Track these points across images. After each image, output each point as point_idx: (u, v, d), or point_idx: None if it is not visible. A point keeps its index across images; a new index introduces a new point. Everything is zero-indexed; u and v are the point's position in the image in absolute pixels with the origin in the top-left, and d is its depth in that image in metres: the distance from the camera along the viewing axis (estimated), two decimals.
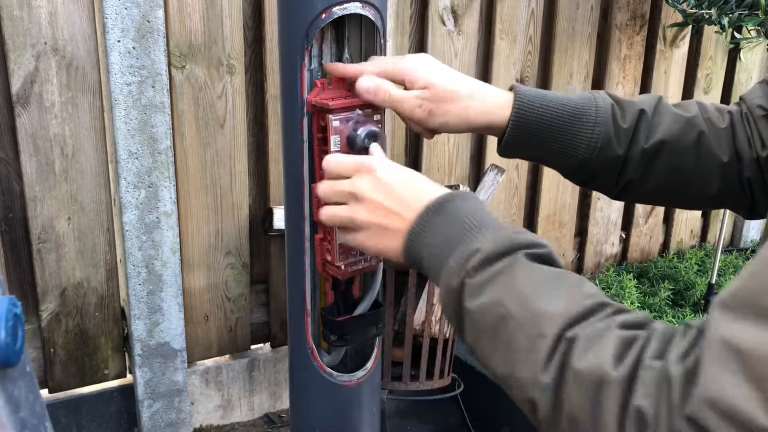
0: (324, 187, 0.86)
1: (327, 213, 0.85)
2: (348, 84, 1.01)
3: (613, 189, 0.96)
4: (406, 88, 0.95)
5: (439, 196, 0.76)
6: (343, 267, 1.01)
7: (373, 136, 0.96)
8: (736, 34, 2.21)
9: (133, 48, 1.59)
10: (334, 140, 0.96)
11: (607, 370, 0.53)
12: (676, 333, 0.54)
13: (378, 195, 0.79)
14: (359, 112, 0.97)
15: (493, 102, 0.92)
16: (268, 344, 2.06)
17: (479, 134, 2.22)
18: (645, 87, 2.47)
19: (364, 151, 0.94)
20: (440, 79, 0.92)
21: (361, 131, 0.95)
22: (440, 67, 0.94)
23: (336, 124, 0.94)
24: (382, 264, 1.09)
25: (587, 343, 0.57)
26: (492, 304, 0.64)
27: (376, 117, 1.00)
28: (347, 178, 0.84)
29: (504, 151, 0.94)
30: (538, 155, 0.95)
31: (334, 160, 0.86)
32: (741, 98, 0.97)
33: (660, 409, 0.50)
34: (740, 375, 0.45)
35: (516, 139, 0.92)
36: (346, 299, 1.09)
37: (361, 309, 1.09)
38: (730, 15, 1.94)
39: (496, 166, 2.05)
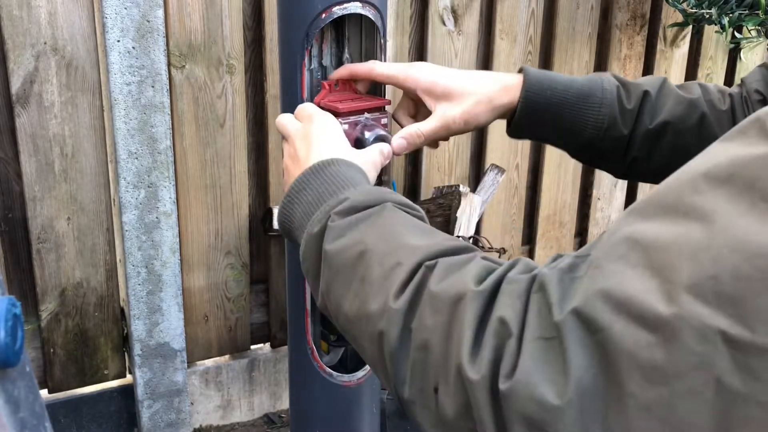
0: (279, 120, 0.92)
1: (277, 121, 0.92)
2: (355, 85, 1.01)
3: (619, 168, 0.99)
4: (411, 96, 0.98)
5: (322, 159, 0.77)
6: None
7: (381, 140, 0.95)
8: (737, 34, 2.21)
9: (133, 48, 1.59)
10: None
11: (467, 287, 0.49)
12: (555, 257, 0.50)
13: (298, 138, 0.85)
14: (367, 115, 0.97)
15: (508, 82, 0.95)
16: (268, 344, 2.05)
17: (479, 134, 2.22)
18: None
19: None
20: (459, 84, 0.94)
21: (369, 135, 0.94)
22: (449, 71, 0.96)
23: (345, 128, 0.93)
24: None
25: (448, 269, 0.53)
26: (352, 243, 0.62)
27: (384, 120, 0.99)
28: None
29: (513, 132, 0.97)
30: (545, 135, 0.98)
31: (300, 106, 0.92)
32: (742, 80, 1.00)
33: (528, 315, 0.45)
34: (640, 266, 0.41)
35: (525, 120, 0.95)
36: None
37: None
38: (731, 15, 1.94)
39: (496, 166, 2.05)
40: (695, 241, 0.39)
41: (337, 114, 0.93)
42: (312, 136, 0.84)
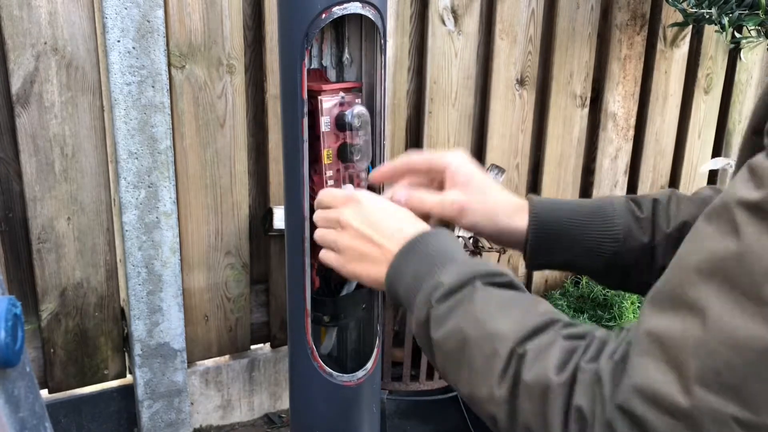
0: (317, 215, 0.92)
1: (317, 234, 0.92)
2: (324, 74, 1.11)
3: (650, 281, 0.98)
4: (439, 184, 0.96)
5: (412, 236, 0.81)
6: None
7: (360, 116, 1.04)
8: (737, 34, 2.21)
9: (133, 48, 1.59)
10: (324, 121, 1.03)
11: (550, 377, 0.58)
12: (611, 336, 0.58)
13: (360, 224, 0.86)
14: (342, 95, 1.05)
15: (516, 201, 0.94)
16: (268, 344, 2.05)
17: (479, 134, 2.22)
18: (645, 87, 2.47)
19: (354, 129, 1.03)
20: (476, 179, 0.93)
21: (349, 111, 1.04)
22: (473, 167, 0.95)
23: (327, 105, 1.03)
24: None
25: (535, 356, 0.61)
26: (453, 332, 0.69)
27: (357, 100, 1.08)
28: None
29: (531, 260, 0.95)
30: (566, 259, 0.95)
31: (326, 193, 0.92)
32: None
33: (595, 405, 0.53)
34: (660, 360, 0.48)
35: (539, 245, 0.93)
36: (333, 283, 1.13)
37: (347, 288, 1.12)
38: (731, 14, 1.94)
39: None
40: (696, 337, 0.46)
41: (320, 92, 1.02)
42: (374, 215, 0.86)
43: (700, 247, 0.49)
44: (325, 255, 0.90)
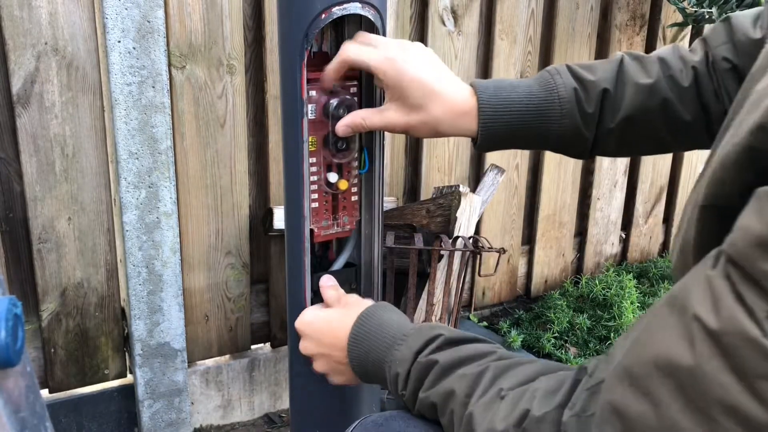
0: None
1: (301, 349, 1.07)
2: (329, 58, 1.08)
3: (585, 156, 1.01)
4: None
5: (347, 338, 0.94)
6: (316, 230, 1.09)
7: (346, 106, 1.03)
8: None
9: (134, 48, 1.59)
10: (310, 109, 1.02)
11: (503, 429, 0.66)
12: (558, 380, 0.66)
13: (315, 348, 1.01)
14: (334, 83, 1.03)
15: (459, 105, 0.95)
16: (268, 344, 2.06)
17: None
18: None
19: (336, 119, 1.02)
20: (405, 82, 0.95)
21: (333, 101, 1.03)
22: (396, 67, 0.95)
23: (312, 93, 1.01)
24: (354, 230, 1.16)
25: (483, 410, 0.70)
26: (425, 401, 0.84)
27: (353, 90, 1.06)
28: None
29: (479, 150, 1.00)
30: (510, 146, 1.00)
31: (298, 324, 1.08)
32: (705, 41, 0.95)
33: None
34: None
35: (487, 144, 0.97)
36: (322, 262, 1.16)
37: (335, 266, 1.15)
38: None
39: (496, 166, 2.05)
40: (650, 426, 0.50)
41: (309, 80, 1.01)
42: (316, 335, 1.02)
43: (660, 339, 0.50)
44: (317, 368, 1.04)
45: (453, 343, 0.82)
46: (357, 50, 0.97)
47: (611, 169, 2.56)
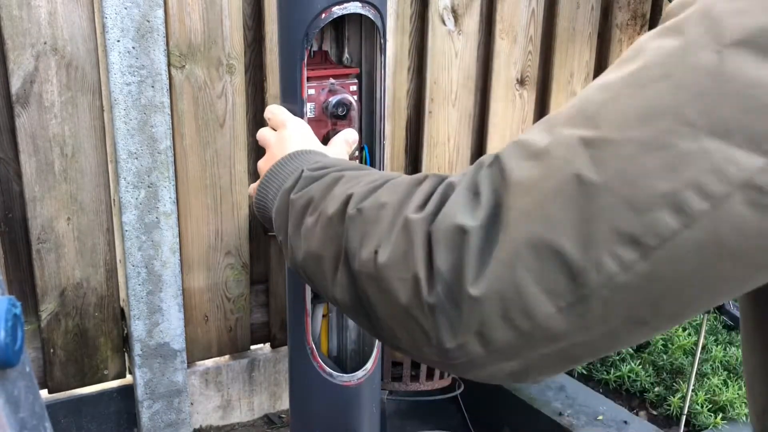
0: (259, 133, 0.97)
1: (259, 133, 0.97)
2: (330, 56, 1.07)
3: None
4: None
5: (296, 150, 0.84)
6: None
7: (344, 105, 1.02)
8: None
9: (133, 48, 1.59)
10: (309, 107, 1.02)
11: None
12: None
13: (275, 146, 0.90)
14: (333, 81, 1.03)
15: None
16: (268, 344, 2.05)
17: (479, 134, 2.22)
18: None
19: (335, 118, 1.01)
20: None
21: (332, 99, 1.02)
22: None
23: (311, 92, 1.00)
24: None
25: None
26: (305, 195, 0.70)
27: (353, 88, 1.05)
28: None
29: None
30: None
31: (273, 109, 0.97)
32: None
33: (467, 173, 0.53)
34: (544, 131, 0.50)
35: None
36: None
37: None
38: None
39: None
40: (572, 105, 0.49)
41: (309, 78, 1.00)
42: (286, 138, 0.89)
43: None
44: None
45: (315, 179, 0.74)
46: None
47: None
